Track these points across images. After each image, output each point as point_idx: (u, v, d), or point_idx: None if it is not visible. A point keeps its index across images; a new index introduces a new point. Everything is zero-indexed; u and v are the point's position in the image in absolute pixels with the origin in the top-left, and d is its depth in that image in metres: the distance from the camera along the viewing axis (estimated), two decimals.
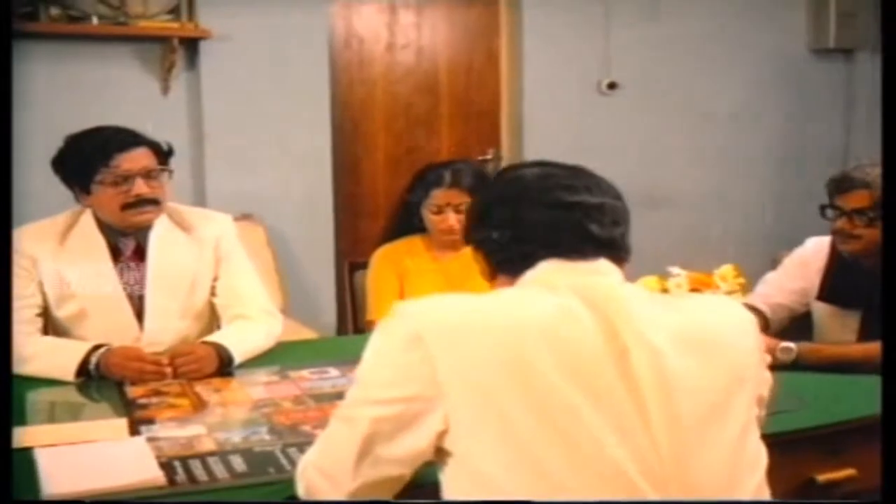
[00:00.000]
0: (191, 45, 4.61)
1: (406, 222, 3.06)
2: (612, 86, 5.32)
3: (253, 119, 4.72)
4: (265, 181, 4.77)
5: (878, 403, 2.13)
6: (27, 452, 1.75)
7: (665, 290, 2.23)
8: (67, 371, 2.27)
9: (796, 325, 2.78)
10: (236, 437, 1.87)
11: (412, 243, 3.06)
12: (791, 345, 2.35)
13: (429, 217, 2.96)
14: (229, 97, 4.66)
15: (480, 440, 1.34)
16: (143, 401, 2.12)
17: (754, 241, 5.37)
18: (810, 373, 2.33)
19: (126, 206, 2.44)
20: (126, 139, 2.45)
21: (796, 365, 2.35)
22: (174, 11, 4.55)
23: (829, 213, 2.59)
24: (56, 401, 2.22)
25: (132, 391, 2.18)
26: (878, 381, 2.23)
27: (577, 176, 1.56)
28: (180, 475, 1.69)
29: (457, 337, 1.37)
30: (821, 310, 2.71)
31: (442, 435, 1.37)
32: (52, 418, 2.17)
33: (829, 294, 2.66)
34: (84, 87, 4.45)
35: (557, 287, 1.44)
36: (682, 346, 1.41)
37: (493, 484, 1.32)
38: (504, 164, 5.41)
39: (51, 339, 2.43)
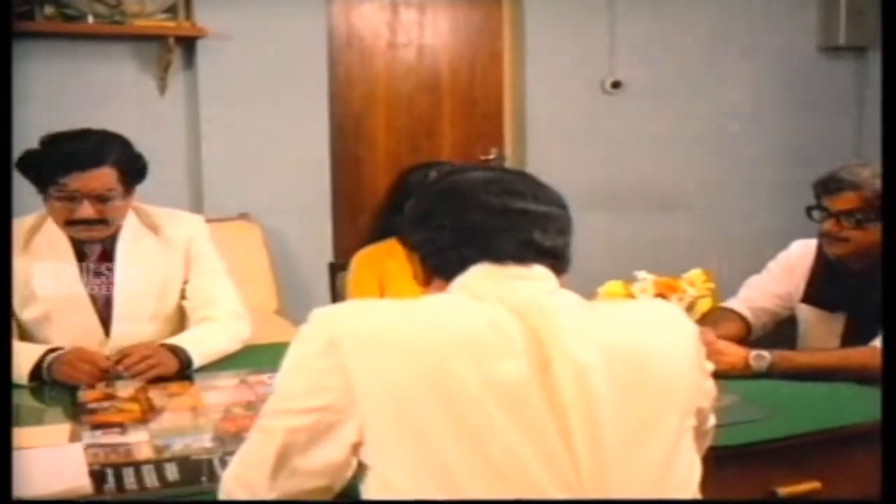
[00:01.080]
0: (188, 44, 4.60)
1: (391, 224, 3.00)
2: (616, 84, 5.25)
3: (250, 118, 4.69)
4: (262, 180, 4.74)
5: (850, 413, 2.09)
6: None
7: (630, 295, 2.17)
8: (20, 374, 2.23)
9: (782, 330, 2.72)
10: (177, 445, 1.83)
11: (393, 246, 3.00)
12: (764, 353, 2.28)
13: None
14: (226, 96, 4.64)
15: (394, 454, 1.29)
16: (93, 405, 2.08)
17: (761, 241, 5.24)
18: (785, 381, 2.26)
19: (69, 223, 2.40)
20: (87, 157, 2.36)
21: (771, 373, 2.27)
22: (171, 10, 4.53)
23: (816, 214, 2.51)
24: None
25: (84, 395, 2.15)
26: (855, 390, 2.19)
27: (524, 182, 1.52)
28: (109, 484, 1.65)
29: (373, 346, 1.31)
30: (805, 313, 2.63)
31: (357, 447, 1.32)
32: None
33: (813, 297, 2.59)
34: (80, 86, 4.44)
35: (484, 296, 1.38)
36: (611, 359, 1.36)
37: (405, 499, 1.27)
38: (508, 163, 5.36)
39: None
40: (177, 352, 2.31)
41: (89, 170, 2.37)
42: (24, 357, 2.27)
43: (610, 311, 1.50)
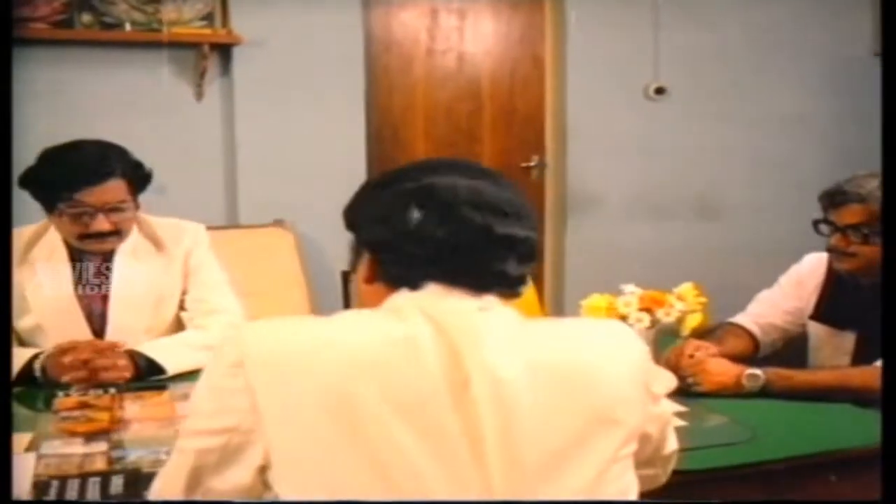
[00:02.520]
0: (224, 51, 4.62)
1: None
2: (659, 90, 5.15)
3: (286, 124, 4.70)
4: (298, 187, 4.73)
5: (843, 438, 1.99)
6: None
7: (612, 309, 2.09)
8: None
9: (793, 347, 2.61)
10: (132, 457, 1.80)
11: None
12: (758, 371, 2.18)
13: None
14: (262, 103, 4.65)
15: (298, 479, 1.23)
16: (65, 414, 2.06)
17: (808, 252, 5.11)
18: (783, 401, 2.16)
19: (83, 237, 2.40)
20: (96, 171, 2.36)
21: (767, 393, 2.18)
22: (208, 17, 4.56)
23: (824, 228, 2.41)
24: None
25: (60, 403, 2.13)
26: (853, 413, 2.09)
27: (509, 197, 1.36)
28: (50, 496, 1.63)
29: (279, 365, 1.25)
30: (815, 330, 2.53)
31: (264, 470, 1.27)
32: None
33: (823, 313, 2.48)
34: (117, 94, 4.49)
35: (406, 311, 1.31)
36: (538, 381, 1.27)
37: None
38: (549, 172, 5.29)
39: None
40: (134, 357, 2.29)
41: (100, 183, 2.37)
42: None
43: (547, 328, 1.40)
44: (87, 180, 2.34)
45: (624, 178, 5.23)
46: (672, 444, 1.56)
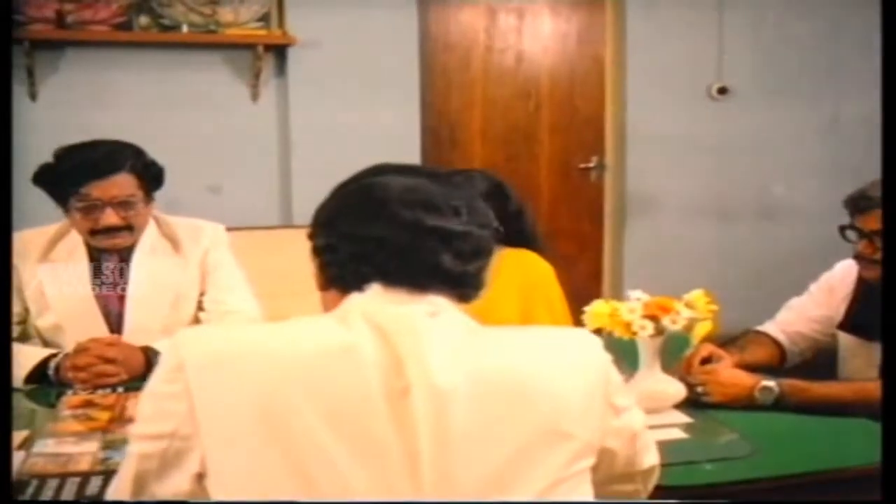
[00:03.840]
0: (280, 52, 4.65)
1: None
2: (722, 90, 5.03)
3: (341, 125, 4.70)
4: None
5: (854, 454, 1.90)
6: None
7: (616, 316, 2.02)
8: (17, 377, 2.27)
9: (823, 357, 2.51)
10: (118, 458, 1.80)
11: None
12: (771, 384, 2.09)
13: None
14: (317, 103, 4.67)
15: (230, 487, 1.21)
16: (68, 412, 2.10)
17: None
18: (797, 415, 2.08)
19: (94, 232, 2.43)
20: (103, 165, 2.39)
21: (781, 406, 2.09)
22: (264, 18, 4.59)
23: (851, 235, 2.31)
24: None
25: (67, 401, 2.17)
26: (867, 428, 1.99)
27: (447, 193, 1.36)
28: (26, 496, 1.65)
29: (215, 371, 1.24)
30: (845, 341, 2.43)
31: (202, 477, 1.25)
32: None
33: (851, 323, 2.38)
34: (175, 94, 4.55)
35: (353, 319, 1.28)
36: (481, 391, 1.23)
37: None
38: (608, 173, 5.21)
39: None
40: (147, 353, 2.30)
41: (107, 177, 2.40)
42: (23, 359, 2.31)
43: (498, 338, 1.35)
44: (95, 174, 2.37)
45: (685, 180, 5.12)
46: (651, 459, 1.50)
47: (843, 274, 2.43)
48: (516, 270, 2.89)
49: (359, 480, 1.19)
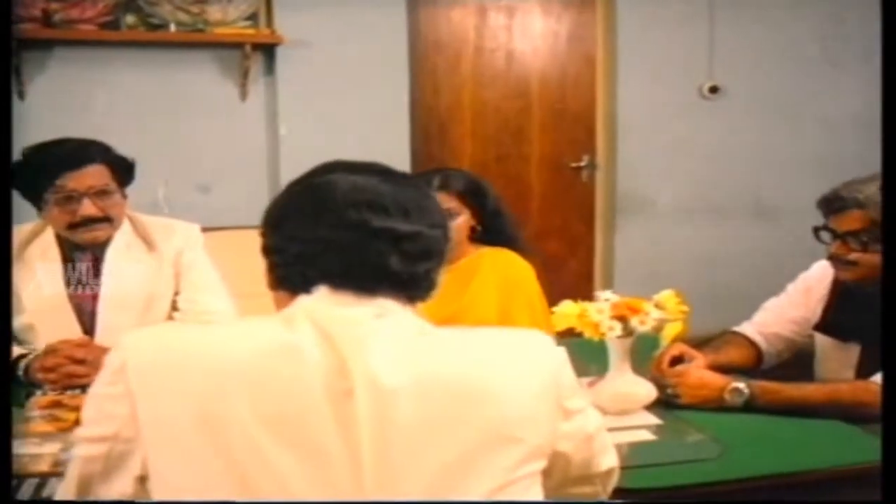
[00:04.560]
0: (268, 51, 4.64)
1: None
2: (714, 89, 5.01)
3: (329, 124, 4.69)
4: None
5: (824, 456, 1.88)
6: None
7: (584, 317, 2.01)
8: None
9: (801, 358, 2.49)
10: None
11: None
12: (741, 386, 2.07)
13: None
14: (305, 102, 4.67)
15: (169, 491, 1.20)
16: (36, 413, 2.07)
17: None
18: (768, 416, 2.06)
19: (73, 226, 2.41)
20: (75, 157, 2.38)
21: (753, 407, 2.07)
22: (252, 17, 4.58)
23: (825, 236, 2.29)
24: None
25: (35, 402, 2.15)
26: (838, 428, 1.98)
27: (397, 193, 1.32)
28: None
29: (156, 374, 1.22)
30: (821, 342, 2.40)
31: (144, 480, 1.24)
32: None
33: (827, 324, 2.36)
34: (163, 93, 4.55)
35: (298, 320, 1.26)
36: (427, 391, 1.22)
37: None
38: (599, 172, 5.19)
39: None
40: None
41: (81, 168, 2.39)
42: None
43: (447, 340, 1.32)
44: (68, 165, 2.36)
45: (676, 179, 5.10)
46: (609, 461, 1.48)
47: (821, 274, 2.41)
48: (495, 269, 2.88)
49: (298, 482, 1.17)
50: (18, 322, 2.48)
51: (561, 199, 5.18)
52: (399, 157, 4.77)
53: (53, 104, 4.36)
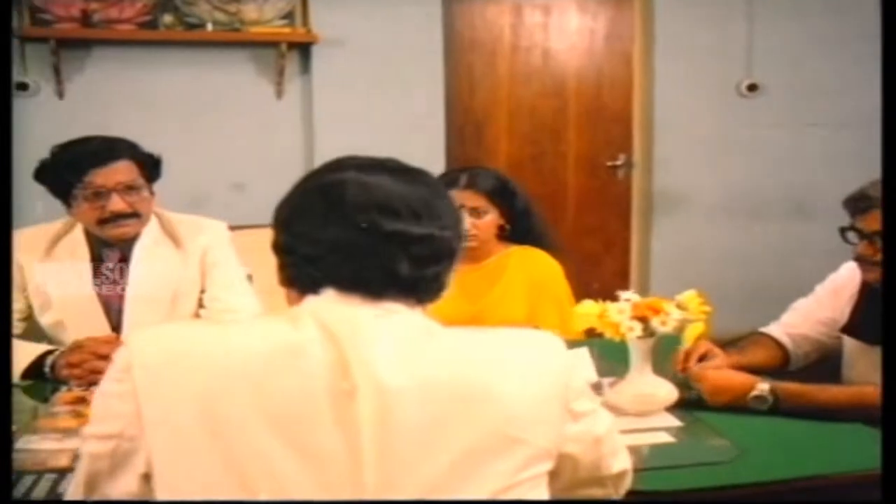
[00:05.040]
0: (304, 50, 4.66)
1: None
2: (752, 87, 4.96)
3: (364, 122, 4.71)
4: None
5: (845, 460, 1.85)
6: None
7: (604, 317, 1.99)
8: (13, 373, 2.28)
9: (829, 360, 2.45)
10: None
11: None
12: (765, 390, 2.03)
13: None
14: (340, 100, 4.68)
15: (171, 489, 1.21)
16: (58, 409, 2.10)
17: None
18: (791, 419, 2.02)
19: (102, 221, 2.43)
20: (102, 153, 2.41)
21: (776, 411, 2.04)
22: (288, 16, 4.61)
23: (851, 236, 2.25)
24: None
25: (61, 398, 2.18)
26: (862, 432, 1.94)
27: (409, 193, 1.30)
28: None
29: (161, 371, 1.22)
30: (849, 344, 2.36)
31: (148, 479, 1.24)
32: None
33: (853, 327, 2.31)
34: (200, 92, 4.59)
35: (303, 320, 1.25)
36: (429, 394, 1.21)
37: None
38: (636, 170, 5.16)
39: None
40: None
41: (109, 163, 2.41)
42: (20, 355, 2.32)
43: (453, 340, 1.30)
44: (96, 162, 2.38)
45: (714, 178, 5.06)
46: (621, 463, 1.47)
47: (850, 275, 2.36)
48: (523, 268, 2.87)
49: (297, 482, 1.17)
50: (48, 319, 2.52)
51: (597, 198, 5.15)
52: (434, 156, 4.78)
53: (92, 103, 4.42)
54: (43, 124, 4.05)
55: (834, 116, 5.01)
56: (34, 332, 2.55)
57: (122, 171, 2.42)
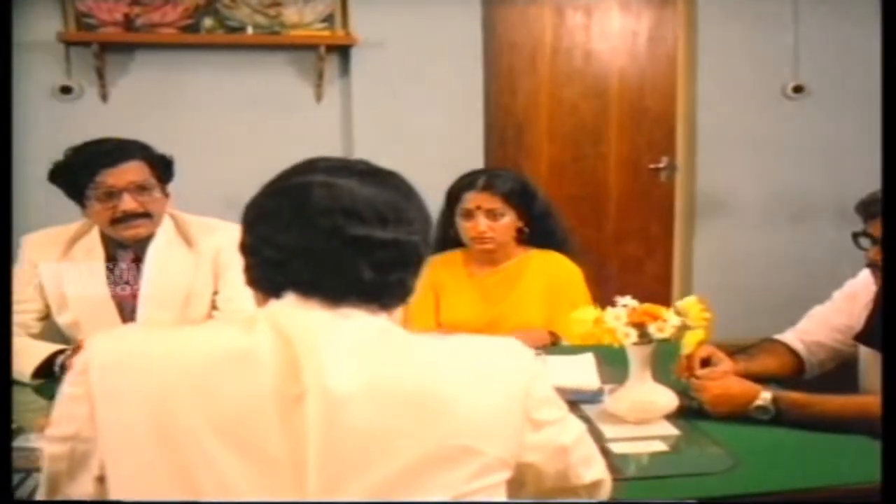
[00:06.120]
0: (343, 52, 4.67)
1: (443, 234, 2.90)
2: (798, 89, 4.86)
3: (403, 125, 4.71)
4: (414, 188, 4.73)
5: (840, 473, 1.81)
6: None
7: (600, 322, 1.96)
8: (24, 372, 2.33)
9: (845, 368, 2.39)
10: None
11: (451, 257, 2.91)
12: (767, 402, 1.98)
13: (460, 224, 2.81)
14: (380, 103, 4.69)
15: (122, 492, 1.21)
16: None
17: None
18: (790, 428, 1.98)
19: (114, 221, 2.47)
20: (114, 154, 2.44)
21: (781, 422, 1.99)
22: (328, 19, 4.63)
23: (864, 242, 2.19)
24: None
25: None
26: (863, 445, 1.89)
27: (375, 196, 1.28)
28: None
29: (114, 376, 1.23)
30: (864, 353, 2.30)
31: (103, 481, 1.25)
32: None
33: (866, 335, 2.25)
34: (241, 95, 4.62)
35: (259, 324, 1.25)
36: (379, 401, 1.19)
37: None
38: (679, 173, 5.09)
39: (21, 340, 2.46)
40: None
41: (120, 164, 2.44)
42: (30, 355, 2.37)
43: (413, 347, 1.28)
44: (107, 162, 2.42)
45: (758, 181, 4.97)
46: (595, 473, 1.44)
47: (867, 281, 2.30)
48: (542, 272, 2.85)
49: (243, 487, 1.17)
50: (65, 319, 2.56)
51: (639, 201, 5.09)
52: (474, 158, 4.76)
53: (135, 106, 4.48)
54: (87, 127, 4.10)
55: (880, 119, 4.89)
56: (53, 331, 2.59)
57: (133, 171, 2.45)
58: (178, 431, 1.18)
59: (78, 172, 2.45)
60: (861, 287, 2.32)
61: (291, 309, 1.26)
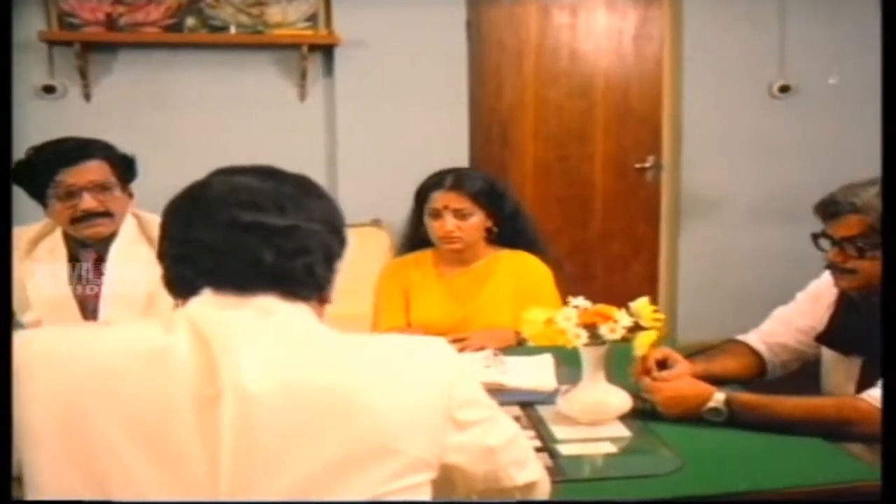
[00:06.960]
0: (327, 52, 4.67)
1: (413, 234, 2.90)
2: (784, 89, 4.84)
3: (387, 124, 4.71)
4: (398, 187, 4.69)
5: (792, 474, 1.79)
6: None
7: (551, 323, 1.95)
8: None
9: (808, 369, 2.38)
10: None
11: (421, 257, 2.90)
12: (719, 402, 1.97)
13: (429, 223, 2.80)
14: (364, 103, 4.68)
15: (34, 492, 1.21)
16: None
17: None
18: (743, 430, 1.96)
19: (75, 220, 2.46)
20: (74, 153, 2.43)
21: (735, 424, 1.97)
22: (312, 19, 4.63)
23: (823, 243, 2.18)
24: None
25: None
26: (818, 447, 1.88)
27: (275, 189, 1.31)
28: None
29: (31, 375, 1.22)
30: (826, 354, 2.28)
31: (20, 482, 1.25)
32: None
33: (827, 336, 2.24)
34: (224, 94, 4.62)
35: (177, 323, 1.24)
36: (296, 402, 1.19)
37: None
38: (665, 173, 5.08)
39: None
40: None
41: (80, 163, 2.44)
42: None
43: (333, 346, 1.28)
44: (67, 162, 2.41)
45: (744, 181, 4.95)
46: (529, 474, 1.43)
47: (830, 281, 2.28)
48: (511, 272, 2.84)
49: (154, 488, 1.16)
50: (28, 318, 2.55)
51: (625, 201, 5.08)
52: (458, 157, 4.75)
53: (118, 105, 4.49)
54: (70, 127, 4.10)
55: (871, 116, 4.86)
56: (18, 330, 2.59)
57: (93, 170, 2.45)
58: (89, 429, 1.18)
59: (38, 171, 2.44)
60: (824, 288, 2.31)
61: (208, 307, 1.26)
